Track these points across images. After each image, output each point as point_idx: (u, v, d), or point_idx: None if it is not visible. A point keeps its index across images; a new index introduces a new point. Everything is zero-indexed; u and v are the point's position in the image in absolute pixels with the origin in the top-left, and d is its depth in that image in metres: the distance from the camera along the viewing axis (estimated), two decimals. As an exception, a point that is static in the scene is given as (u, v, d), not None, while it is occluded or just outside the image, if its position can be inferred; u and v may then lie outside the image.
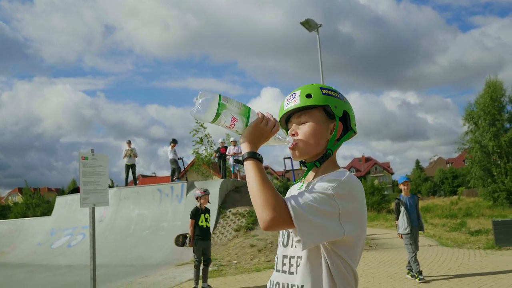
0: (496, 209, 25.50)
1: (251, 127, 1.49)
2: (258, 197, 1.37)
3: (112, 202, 15.18)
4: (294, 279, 1.50)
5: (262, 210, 1.34)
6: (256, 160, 1.45)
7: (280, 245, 1.63)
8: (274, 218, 1.33)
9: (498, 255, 10.03)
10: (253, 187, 1.39)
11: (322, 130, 1.60)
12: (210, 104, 1.44)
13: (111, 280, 9.73)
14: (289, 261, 1.55)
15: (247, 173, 1.43)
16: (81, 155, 5.08)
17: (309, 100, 1.59)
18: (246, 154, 1.46)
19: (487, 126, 27.88)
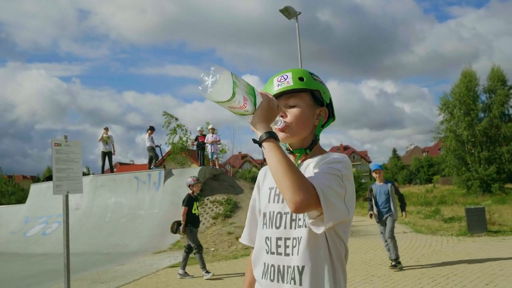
0: (470, 197, 26.08)
1: (264, 106, 1.43)
2: (287, 178, 1.32)
3: (89, 190, 15.01)
4: (291, 260, 1.50)
5: (293, 192, 1.30)
6: (276, 141, 1.41)
7: (270, 227, 1.60)
8: (305, 200, 1.30)
9: (470, 241, 10.27)
10: (278, 168, 1.34)
11: (310, 114, 1.62)
12: (226, 82, 1.32)
13: (86, 269, 9.65)
14: (285, 243, 1.53)
15: (269, 153, 1.38)
16: (54, 142, 4.98)
17: (302, 83, 1.59)
18: (266, 135, 1.40)
19: (462, 115, 28.38)
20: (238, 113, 1.44)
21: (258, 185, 1.78)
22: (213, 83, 1.31)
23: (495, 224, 12.03)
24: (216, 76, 1.31)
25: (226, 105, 1.38)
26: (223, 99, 1.33)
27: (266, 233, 1.61)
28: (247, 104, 1.40)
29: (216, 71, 1.31)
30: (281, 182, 1.33)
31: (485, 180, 27.19)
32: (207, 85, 1.32)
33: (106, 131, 17.20)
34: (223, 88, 1.31)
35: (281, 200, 1.59)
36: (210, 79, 1.31)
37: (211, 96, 1.32)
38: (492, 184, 26.92)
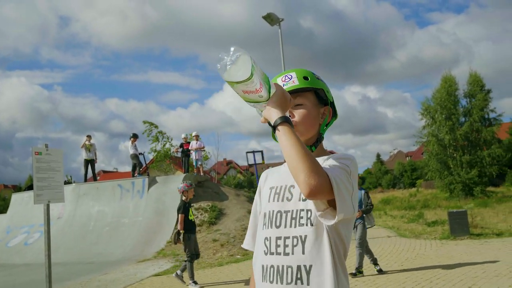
0: (453, 201, 26.38)
1: (280, 94, 1.44)
2: (302, 161, 1.31)
3: (71, 198, 14.83)
4: (292, 259, 1.48)
5: (308, 175, 1.29)
6: (291, 126, 1.40)
7: (269, 227, 1.57)
8: (320, 185, 1.30)
9: (453, 244, 10.38)
10: (293, 151, 1.34)
11: (316, 114, 1.64)
12: (245, 62, 1.31)
13: (69, 278, 9.51)
14: (284, 242, 1.51)
15: (284, 136, 1.37)
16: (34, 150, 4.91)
17: (307, 82, 1.61)
18: (281, 119, 1.40)
19: (444, 120, 28.74)
20: (250, 100, 1.42)
21: (259, 189, 1.77)
22: (232, 62, 1.30)
23: (477, 227, 12.19)
24: (235, 55, 1.30)
25: (241, 88, 1.36)
26: (241, 78, 1.32)
27: (265, 234, 1.59)
28: (263, 90, 1.39)
29: (235, 51, 1.31)
30: (295, 165, 1.33)
31: (467, 183, 27.52)
32: (226, 63, 1.30)
33: (89, 138, 17.02)
34: (241, 68, 1.31)
35: (281, 199, 1.58)
36: (229, 58, 1.31)
37: (230, 74, 1.31)
38: (474, 188, 27.26)
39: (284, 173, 1.65)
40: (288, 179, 1.58)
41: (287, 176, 1.57)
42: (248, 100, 1.43)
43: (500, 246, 9.59)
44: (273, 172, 1.76)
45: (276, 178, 1.67)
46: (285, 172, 1.65)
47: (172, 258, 11.08)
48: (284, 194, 1.58)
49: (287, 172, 1.62)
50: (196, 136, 17.84)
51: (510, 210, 16.89)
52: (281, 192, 1.59)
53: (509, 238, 10.71)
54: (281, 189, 1.60)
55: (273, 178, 1.70)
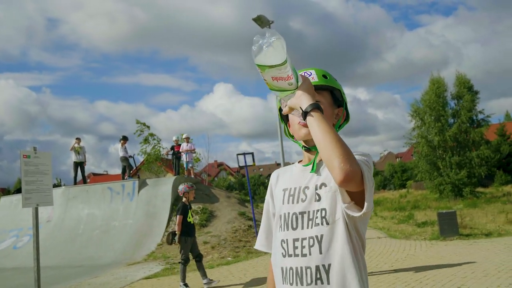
0: (442, 201, 26.54)
1: (309, 84, 1.44)
2: (338, 147, 1.31)
3: (61, 201, 14.73)
4: (310, 260, 1.48)
5: (344, 161, 1.29)
6: (322, 113, 1.40)
7: (286, 229, 1.57)
8: (355, 171, 1.30)
9: (443, 245, 10.45)
10: (328, 137, 1.33)
11: (331, 113, 1.63)
12: (282, 46, 1.28)
13: (59, 282, 9.43)
14: (301, 244, 1.51)
15: (317, 122, 1.36)
16: (23, 153, 4.87)
17: (326, 81, 1.61)
18: (314, 105, 1.38)
19: (433, 121, 28.93)
20: (277, 88, 1.39)
21: (270, 189, 1.76)
22: (270, 44, 1.27)
23: (466, 228, 12.28)
24: (272, 38, 1.28)
25: (271, 74, 1.34)
26: (276, 62, 1.30)
27: (282, 236, 1.59)
28: (293, 78, 1.37)
29: (272, 34, 1.28)
30: (329, 151, 1.32)
31: (456, 184, 27.72)
32: (262, 45, 1.28)
33: (78, 141, 16.92)
34: (278, 52, 1.28)
35: (295, 201, 1.57)
36: (266, 40, 1.28)
37: (265, 57, 1.29)
38: (464, 188, 27.47)
39: (296, 174, 1.65)
40: (301, 181, 1.59)
41: (300, 177, 1.60)
42: (275, 88, 1.40)
43: (489, 246, 9.67)
44: (285, 172, 1.74)
45: (289, 179, 1.66)
46: (297, 173, 1.65)
47: (163, 261, 11.03)
48: (299, 196, 1.57)
49: (299, 173, 1.64)
50: (186, 138, 17.79)
51: (499, 210, 17.03)
52: (295, 194, 1.58)
53: (497, 238, 10.81)
54: (295, 191, 1.59)
55: (285, 180, 1.68)
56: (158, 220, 13.71)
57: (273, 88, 1.40)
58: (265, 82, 1.38)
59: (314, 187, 1.54)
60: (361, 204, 1.41)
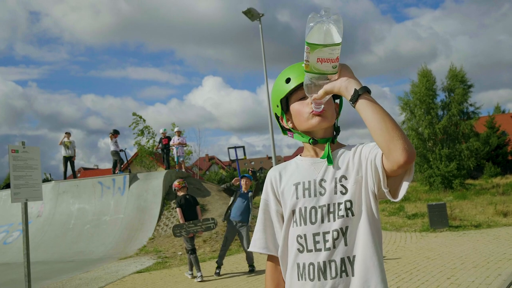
0: (432, 193, 26.73)
1: (349, 68, 1.43)
2: (398, 129, 1.32)
3: (51, 196, 14.64)
4: (334, 253, 1.47)
5: (407, 142, 1.31)
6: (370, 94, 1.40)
7: (303, 223, 1.53)
8: (414, 152, 1.32)
9: (432, 237, 10.54)
10: (386, 119, 1.33)
11: (334, 105, 1.62)
12: (341, 24, 1.25)
13: (49, 277, 9.39)
14: (324, 237, 1.49)
15: (372, 105, 1.36)
16: (11, 148, 4.82)
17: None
18: (363, 89, 1.37)
19: (423, 114, 29.09)
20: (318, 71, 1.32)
21: (272, 188, 1.68)
22: (330, 22, 1.24)
23: (456, 219, 12.39)
24: (332, 16, 1.24)
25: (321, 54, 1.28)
26: (334, 41, 1.25)
27: (297, 231, 1.55)
28: (339, 60, 1.32)
29: (331, 12, 1.24)
30: (390, 133, 1.31)
31: (446, 176, 27.92)
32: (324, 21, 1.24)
33: (68, 135, 16.78)
34: (337, 30, 1.25)
35: (313, 194, 1.53)
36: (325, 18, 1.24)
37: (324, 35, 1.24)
38: (453, 180, 27.68)
39: (306, 168, 1.61)
40: (313, 174, 1.57)
41: (311, 170, 1.58)
42: (314, 71, 1.33)
43: (478, 238, 9.77)
44: (287, 168, 1.68)
45: (297, 173, 1.61)
46: (306, 167, 1.61)
47: (155, 255, 11.02)
48: (316, 189, 1.54)
49: (309, 166, 1.61)
50: (178, 131, 17.73)
51: (488, 202, 17.20)
52: (311, 187, 1.55)
53: (487, 229, 10.92)
54: (310, 184, 1.56)
55: (292, 174, 1.63)
56: (149, 214, 13.68)
57: (311, 71, 1.33)
58: (305, 63, 1.31)
59: (334, 180, 1.52)
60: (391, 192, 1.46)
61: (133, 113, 22.05)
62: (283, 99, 1.60)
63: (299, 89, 1.54)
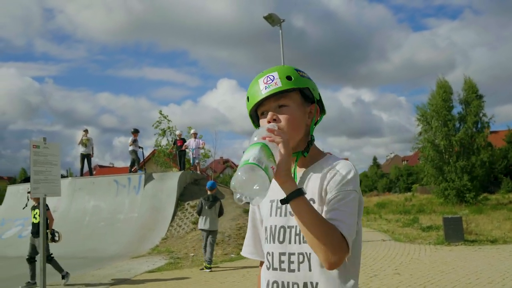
0: (447, 206, 26.43)
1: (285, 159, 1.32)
2: (323, 238, 1.29)
3: (67, 192, 14.79)
4: (297, 276, 1.43)
5: (328, 253, 1.29)
6: (304, 196, 1.33)
7: (272, 241, 1.52)
8: (340, 259, 1.31)
9: (447, 250, 10.40)
10: (311, 229, 1.30)
11: (302, 114, 1.51)
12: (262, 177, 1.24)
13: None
14: (289, 258, 1.46)
15: (300, 213, 1.32)
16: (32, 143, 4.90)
17: (290, 83, 1.47)
18: (295, 194, 1.32)
19: (440, 126, 28.80)
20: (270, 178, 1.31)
21: None
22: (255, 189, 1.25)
23: (472, 234, 12.21)
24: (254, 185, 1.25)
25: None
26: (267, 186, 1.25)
27: (267, 248, 1.54)
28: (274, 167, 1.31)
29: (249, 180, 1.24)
30: (314, 243, 1.31)
31: (461, 189, 27.62)
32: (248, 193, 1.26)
33: (86, 133, 16.94)
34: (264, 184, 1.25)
35: (283, 214, 1.50)
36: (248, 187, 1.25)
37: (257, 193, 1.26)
38: (467, 194, 27.36)
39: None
40: None
41: None
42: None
43: (494, 253, 9.61)
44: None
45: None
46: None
47: (167, 255, 11.06)
48: (287, 209, 1.49)
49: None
50: (194, 134, 17.81)
51: (505, 217, 16.94)
52: (283, 207, 1.50)
53: (503, 245, 10.74)
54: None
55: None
56: (163, 214, 13.76)
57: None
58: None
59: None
60: None
61: (159, 111, 22.25)
62: (252, 114, 1.58)
63: (259, 106, 1.52)
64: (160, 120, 22.13)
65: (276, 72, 1.49)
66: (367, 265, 8.79)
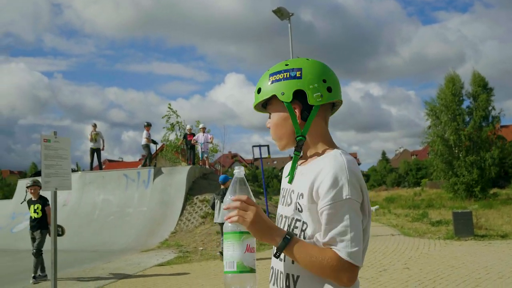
0: (457, 201, 26.30)
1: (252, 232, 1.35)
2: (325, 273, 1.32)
3: (77, 186, 14.90)
4: (284, 266, 1.45)
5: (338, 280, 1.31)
6: (292, 241, 1.34)
7: None
8: (349, 279, 1.31)
9: (457, 245, 10.35)
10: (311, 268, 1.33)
11: (282, 119, 1.48)
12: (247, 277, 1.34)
13: (73, 265, 9.58)
14: None
15: (295, 257, 1.34)
16: (43, 138, 4.94)
17: (260, 96, 1.50)
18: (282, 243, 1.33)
19: (449, 120, 28.58)
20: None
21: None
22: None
23: (481, 229, 12.14)
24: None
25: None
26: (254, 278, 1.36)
27: None
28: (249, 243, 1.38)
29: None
30: (320, 275, 1.34)
31: (470, 184, 27.45)
32: None
33: (94, 128, 17.03)
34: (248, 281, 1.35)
35: (285, 203, 1.51)
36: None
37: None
38: (476, 189, 27.19)
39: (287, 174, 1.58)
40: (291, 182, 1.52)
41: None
42: None
43: (505, 248, 9.56)
44: (285, 170, 1.64)
45: (286, 179, 1.55)
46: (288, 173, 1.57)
47: (176, 249, 11.12)
48: (287, 198, 1.51)
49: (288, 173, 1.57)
50: (203, 128, 17.83)
51: (515, 212, 16.81)
52: (286, 196, 1.52)
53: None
54: (286, 192, 1.53)
55: (284, 178, 1.59)
56: (171, 209, 13.82)
57: None
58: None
59: (296, 195, 1.45)
60: None
61: (168, 104, 22.25)
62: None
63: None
64: (169, 115, 22.15)
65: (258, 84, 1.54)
66: (376, 260, 8.77)
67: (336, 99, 1.49)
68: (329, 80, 1.47)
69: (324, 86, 1.45)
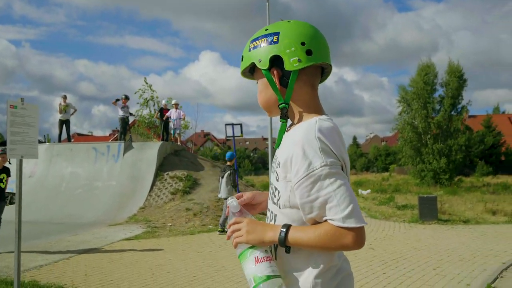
0: (423, 187, 26.92)
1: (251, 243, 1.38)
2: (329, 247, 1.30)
3: (44, 158, 14.60)
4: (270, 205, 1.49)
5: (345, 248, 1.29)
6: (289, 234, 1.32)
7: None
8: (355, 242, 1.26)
9: (421, 228, 10.64)
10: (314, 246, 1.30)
11: (267, 84, 1.45)
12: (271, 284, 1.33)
13: (39, 237, 9.42)
14: (268, 213, 1.51)
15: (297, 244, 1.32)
16: (10, 103, 4.77)
17: (242, 64, 1.49)
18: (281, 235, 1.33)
19: (419, 108, 29.05)
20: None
21: None
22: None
23: (445, 213, 12.50)
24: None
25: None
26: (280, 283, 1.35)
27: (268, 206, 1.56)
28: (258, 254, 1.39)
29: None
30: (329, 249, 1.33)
31: (437, 171, 28.11)
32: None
33: (64, 99, 16.61)
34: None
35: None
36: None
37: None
38: (443, 176, 27.87)
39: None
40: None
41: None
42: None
43: (466, 233, 9.87)
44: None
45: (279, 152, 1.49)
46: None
47: (144, 224, 11.06)
48: (274, 165, 1.47)
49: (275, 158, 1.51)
50: (175, 104, 17.63)
51: (478, 199, 17.34)
52: (275, 162, 1.47)
53: (475, 225, 11.03)
54: (274, 159, 1.50)
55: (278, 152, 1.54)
56: (141, 184, 13.71)
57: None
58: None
59: (277, 164, 1.42)
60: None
61: (144, 78, 21.82)
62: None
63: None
64: (143, 89, 21.77)
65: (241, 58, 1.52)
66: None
67: (319, 62, 1.42)
68: (310, 43, 1.40)
69: (303, 49, 1.38)
